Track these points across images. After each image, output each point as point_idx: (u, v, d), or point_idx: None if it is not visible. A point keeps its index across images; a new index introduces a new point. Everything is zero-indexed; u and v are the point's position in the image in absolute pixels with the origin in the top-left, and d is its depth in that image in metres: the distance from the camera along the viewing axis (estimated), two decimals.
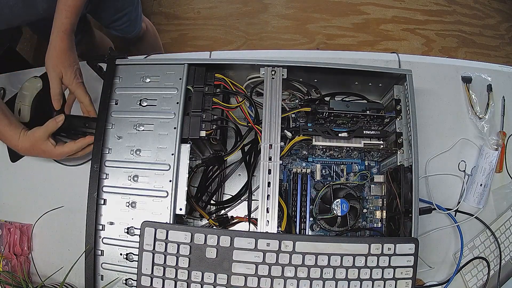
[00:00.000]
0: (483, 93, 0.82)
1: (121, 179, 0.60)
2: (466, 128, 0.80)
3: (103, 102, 0.62)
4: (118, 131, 0.62)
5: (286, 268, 0.55)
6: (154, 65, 0.65)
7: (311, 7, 1.80)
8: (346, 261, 0.55)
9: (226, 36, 1.77)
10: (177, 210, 0.59)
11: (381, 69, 0.66)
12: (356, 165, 0.73)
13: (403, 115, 0.65)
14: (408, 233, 0.59)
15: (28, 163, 0.80)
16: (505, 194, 0.78)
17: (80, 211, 0.61)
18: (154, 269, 0.56)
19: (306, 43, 1.75)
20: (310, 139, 0.64)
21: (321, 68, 0.64)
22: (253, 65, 0.64)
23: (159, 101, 0.63)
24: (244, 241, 0.55)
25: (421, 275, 0.72)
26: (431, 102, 0.81)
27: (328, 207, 0.68)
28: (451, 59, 0.90)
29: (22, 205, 0.77)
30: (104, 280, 0.59)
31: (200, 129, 0.62)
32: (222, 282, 0.55)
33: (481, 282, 0.73)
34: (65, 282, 0.65)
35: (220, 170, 0.73)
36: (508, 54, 1.77)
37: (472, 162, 0.79)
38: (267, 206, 0.58)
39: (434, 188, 0.76)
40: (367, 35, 1.76)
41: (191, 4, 1.80)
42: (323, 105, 0.67)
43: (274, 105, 0.62)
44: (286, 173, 0.72)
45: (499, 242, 0.74)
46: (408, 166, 0.62)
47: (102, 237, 0.59)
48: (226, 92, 0.66)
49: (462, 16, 1.82)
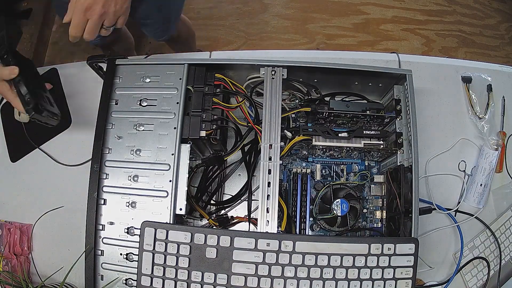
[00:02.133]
0: (483, 93, 0.82)
1: (121, 179, 0.60)
2: (466, 128, 0.80)
3: (103, 102, 0.62)
4: (118, 131, 0.62)
5: (286, 268, 0.55)
6: (154, 65, 0.65)
7: (311, 7, 1.80)
8: (346, 261, 0.55)
9: (226, 36, 1.77)
10: (177, 210, 0.59)
11: (381, 69, 0.66)
12: (356, 165, 0.73)
13: (403, 115, 0.65)
14: (408, 233, 0.58)
15: (28, 163, 0.80)
16: (505, 194, 0.78)
17: (80, 211, 0.61)
18: (154, 269, 0.56)
19: (306, 43, 1.75)
20: (310, 139, 0.64)
21: (321, 68, 0.64)
22: (253, 65, 0.64)
23: (159, 101, 0.63)
24: (244, 241, 0.55)
25: (421, 275, 0.72)
26: (431, 102, 0.81)
27: (328, 207, 0.68)
28: (451, 59, 0.90)
29: (22, 205, 0.77)
30: (104, 280, 0.59)
31: (200, 129, 0.62)
32: (222, 282, 0.55)
33: (481, 282, 0.73)
34: (65, 282, 0.65)
35: (220, 170, 0.73)
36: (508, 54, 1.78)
37: (472, 162, 0.79)
38: (267, 206, 0.58)
39: (434, 188, 0.76)
40: (367, 35, 1.76)
41: (191, 4, 1.80)
42: (323, 105, 0.67)
43: (274, 105, 0.62)
44: (286, 173, 0.72)
45: (499, 242, 0.74)
46: (408, 166, 0.62)
47: (102, 237, 0.59)
48: (226, 92, 0.66)
49: (462, 16, 1.82)
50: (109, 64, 0.65)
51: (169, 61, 0.65)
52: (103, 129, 0.61)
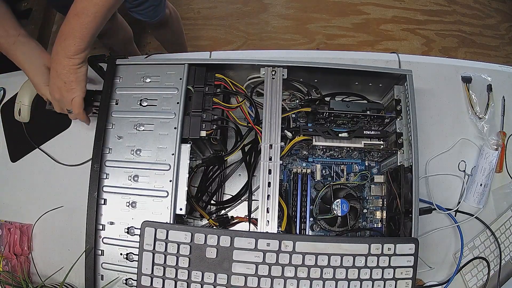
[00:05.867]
0: (483, 93, 0.82)
1: (121, 179, 0.60)
2: (466, 128, 0.80)
3: (103, 102, 0.62)
4: (119, 131, 0.62)
5: (286, 268, 0.55)
6: (155, 65, 0.65)
7: (311, 7, 1.80)
8: (346, 261, 0.55)
9: (226, 36, 1.77)
10: (177, 210, 0.59)
11: (381, 69, 0.66)
12: (356, 165, 0.73)
13: (403, 115, 0.65)
14: (408, 233, 0.59)
15: (28, 163, 0.80)
16: (505, 194, 0.78)
17: (80, 211, 0.61)
18: (154, 269, 0.56)
19: (306, 43, 1.75)
20: (310, 139, 0.64)
21: (321, 68, 0.64)
22: (253, 65, 0.64)
23: (160, 101, 0.63)
24: (244, 241, 0.55)
25: (421, 275, 0.72)
26: (431, 102, 0.81)
27: (328, 207, 0.68)
28: (451, 59, 0.90)
29: (22, 205, 0.77)
30: (104, 280, 0.59)
31: (200, 129, 0.62)
32: (222, 282, 0.55)
33: (481, 282, 0.73)
34: (65, 282, 0.65)
35: (220, 170, 0.73)
36: (508, 54, 1.78)
37: (472, 162, 0.79)
38: (267, 206, 0.58)
39: (434, 188, 0.76)
40: (367, 35, 1.76)
41: (191, 4, 1.80)
42: (323, 105, 0.67)
43: (274, 105, 0.62)
44: (286, 173, 0.72)
45: (499, 242, 0.74)
46: (408, 166, 0.62)
47: (102, 237, 0.59)
48: (227, 92, 0.66)
49: (462, 16, 1.82)
50: (109, 64, 0.65)
51: (169, 61, 0.65)
52: (103, 129, 0.61)
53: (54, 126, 0.81)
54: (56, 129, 0.81)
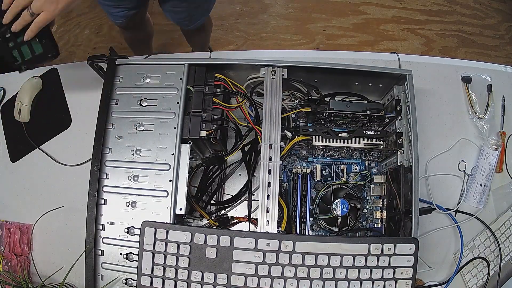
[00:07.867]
0: (483, 93, 0.82)
1: (121, 179, 0.60)
2: (466, 128, 0.80)
3: (103, 102, 0.62)
4: (118, 131, 0.62)
5: (286, 268, 0.55)
6: (155, 65, 0.65)
7: (311, 7, 1.80)
8: (346, 261, 0.55)
9: (226, 36, 1.77)
10: (177, 210, 0.59)
11: (381, 69, 0.66)
12: (356, 165, 0.73)
13: (403, 115, 0.65)
14: (408, 233, 0.58)
15: (28, 163, 0.80)
16: (505, 194, 0.78)
17: (80, 211, 0.61)
18: (154, 269, 0.56)
19: (306, 43, 1.75)
20: (310, 139, 0.64)
21: (321, 68, 0.64)
22: (253, 65, 0.64)
23: (160, 101, 0.63)
24: (244, 241, 0.55)
25: (421, 275, 0.72)
26: (431, 102, 0.81)
27: (328, 207, 0.68)
28: (451, 59, 0.90)
29: (22, 205, 0.77)
30: (104, 280, 0.59)
31: (200, 129, 0.62)
32: (222, 282, 0.55)
33: (481, 282, 0.73)
34: (65, 282, 0.65)
35: (220, 170, 0.73)
36: (508, 54, 1.78)
37: (472, 162, 0.79)
38: (267, 206, 0.58)
39: (434, 188, 0.76)
40: (367, 35, 1.76)
41: None
42: (323, 105, 0.67)
43: (274, 105, 0.62)
44: (286, 173, 0.72)
45: (499, 242, 0.74)
46: (408, 166, 0.62)
47: (102, 237, 0.59)
48: (226, 92, 0.66)
49: (462, 16, 1.82)
50: (109, 64, 0.65)
51: (169, 61, 0.65)
52: (103, 129, 0.61)
53: (54, 126, 0.81)
54: (56, 129, 0.81)
